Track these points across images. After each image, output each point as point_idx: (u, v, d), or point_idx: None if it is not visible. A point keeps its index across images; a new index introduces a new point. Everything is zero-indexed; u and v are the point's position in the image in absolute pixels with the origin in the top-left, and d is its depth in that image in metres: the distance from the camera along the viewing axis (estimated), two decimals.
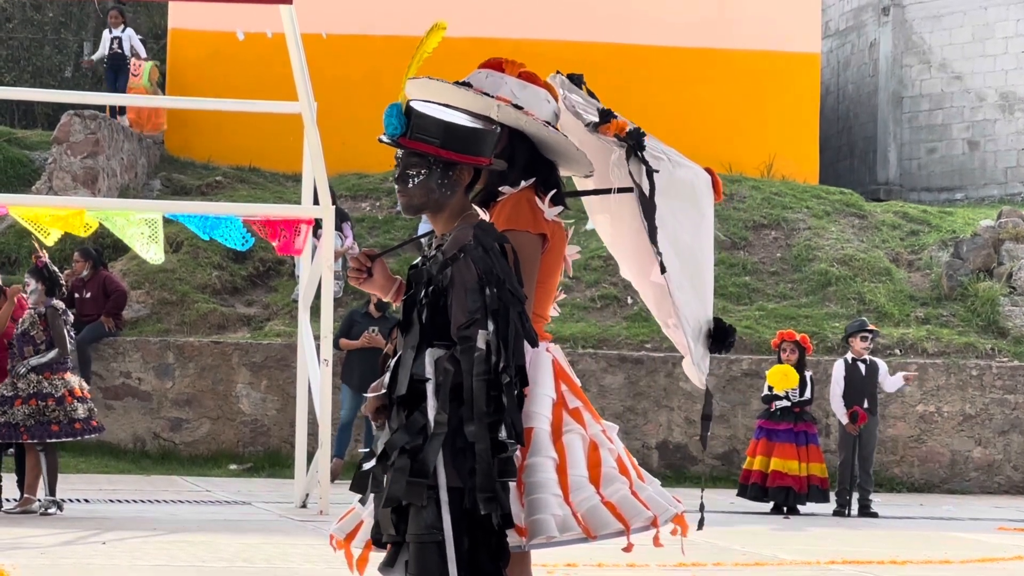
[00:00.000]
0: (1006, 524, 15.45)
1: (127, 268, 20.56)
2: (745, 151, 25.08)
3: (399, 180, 4.95)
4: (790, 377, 16.09)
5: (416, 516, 4.70)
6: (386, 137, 4.90)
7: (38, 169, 23.02)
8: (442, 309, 4.82)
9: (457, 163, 4.92)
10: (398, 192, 4.97)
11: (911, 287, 21.76)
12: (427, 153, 4.89)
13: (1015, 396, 19.72)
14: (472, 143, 4.92)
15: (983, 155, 28.44)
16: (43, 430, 12.89)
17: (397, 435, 4.75)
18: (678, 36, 25.44)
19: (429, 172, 4.91)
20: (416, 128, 4.88)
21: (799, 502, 16.15)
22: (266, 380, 18.95)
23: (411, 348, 4.81)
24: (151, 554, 10.54)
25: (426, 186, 4.91)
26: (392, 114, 4.89)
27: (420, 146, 4.89)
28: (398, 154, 4.93)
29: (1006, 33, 28.13)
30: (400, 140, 4.90)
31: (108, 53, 24.75)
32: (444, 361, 4.75)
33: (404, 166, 4.93)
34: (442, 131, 4.88)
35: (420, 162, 4.91)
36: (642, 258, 5.41)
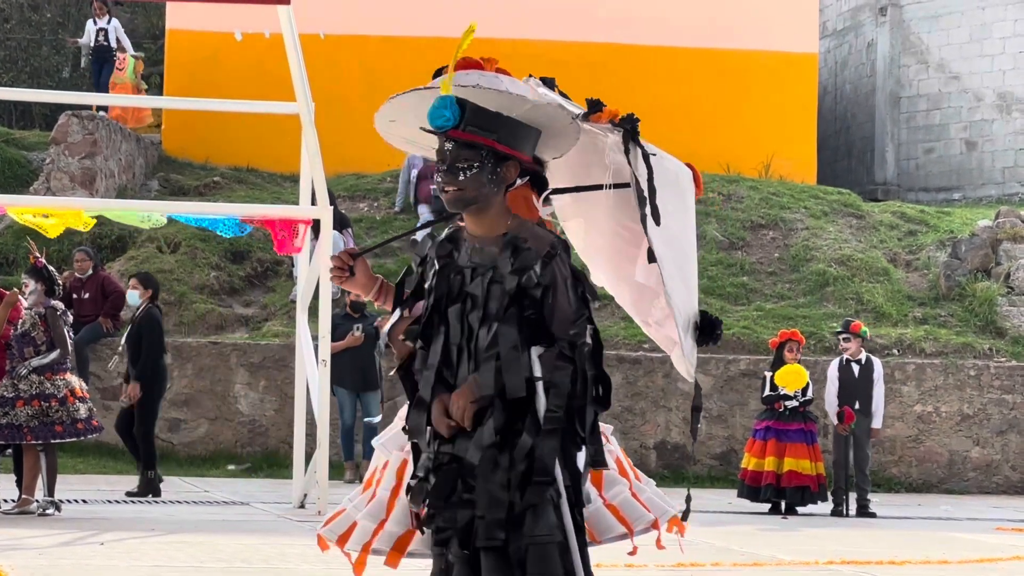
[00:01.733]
0: (1004, 524, 15.46)
1: (125, 269, 20.55)
2: (743, 151, 25.09)
3: (448, 172, 4.80)
4: (800, 376, 16.11)
5: (537, 517, 4.64)
6: (433, 128, 4.79)
7: (36, 170, 23.01)
8: (528, 307, 4.74)
9: (508, 159, 4.84)
10: (445, 184, 4.81)
11: (909, 287, 21.77)
12: (482, 146, 4.80)
13: (1013, 396, 19.73)
14: (523, 139, 4.87)
15: (981, 155, 28.45)
16: (47, 431, 12.90)
17: (525, 438, 4.65)
18: (676, 36, 25.44)
19: (481, 166, 4.80)
20: (471, 120, 4.78)
21: (811, 501, 16.17)
22: (264, 380, 18.95)
23: (512, 347, 4.69)
24: (149, 555, 10.54)
25: (479, 180, 4.80)
26: (445, 105, 4.78)
27: (476, 138, 4.79)
28: (446, 147, 4.81)
29: (1003, 33, 28.14)
30: (453, 132, 4.80)
31: (93, 45, 24.74)
32: (553, 359, 4.69)
33: (453, 159, 4.80)
34: (500, 125, 4.81)
35: (473, 155, 4.79)
36: (619, 260, 5.35)
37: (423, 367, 4.81)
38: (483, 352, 4.73)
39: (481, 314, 4.77)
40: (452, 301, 4.80)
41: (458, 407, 4.71)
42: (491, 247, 4.83)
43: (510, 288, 4.75)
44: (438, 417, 4.73)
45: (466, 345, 4.78)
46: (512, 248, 4.79)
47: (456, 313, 4.79)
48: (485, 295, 4.77)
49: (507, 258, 4.78)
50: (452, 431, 4.72)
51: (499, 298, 4.76)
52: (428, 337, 4.83)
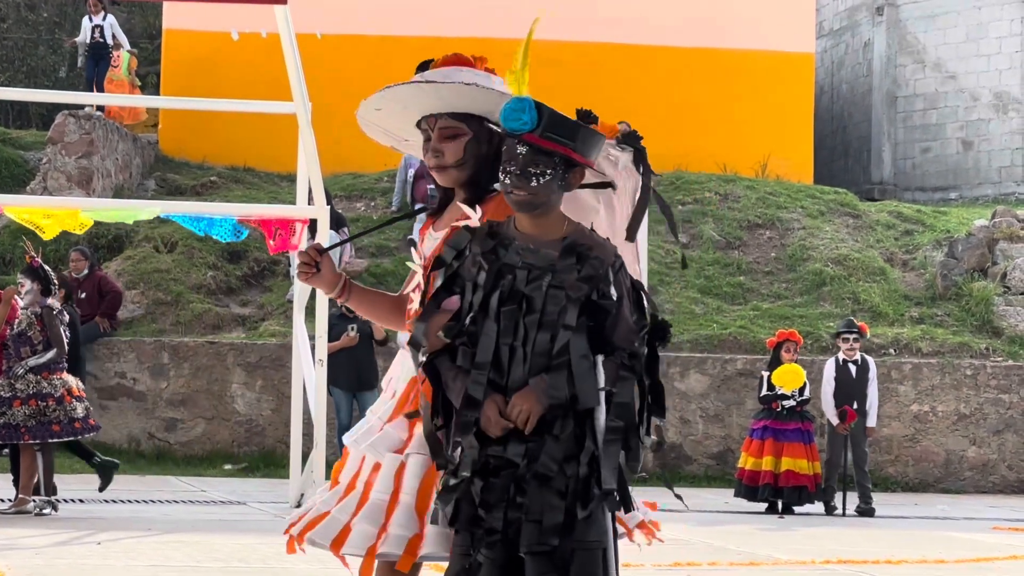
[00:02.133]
0: (1001, 524, 15.47)
1: (122, 268, 20.56)
2: (739, 151, 25.11)
3: (520, 177, 4.72)
4: (798, 376, 16.11)
5: (588, 523, 4.65)
6: (507, 129, 4.72)
7: (32, 169, 23.01)
8: (598, 317, 4.72)
9: (578, 166, 4.79)
10: (514, 188, 4.73)
11: (905, 287, 21.78)
12: (557, 153, 4.75)
13: (1009, 396, 19.73)
14: (594, 147, 4.82)
15: (977, 155, 28.47)
16: (45, 430, 12.90)
17: (589, 446, 4.66)
18: (672, 36, 25.45)
19: (554, 173, 4.74)
20: (549, 127, 4.71)
21: (809, 500, 16.18)
22: (261, 380, 18.95)
23: (583, 357, 4.66)
24: (146, 554, 10.53)
25: (550, 187, 4.74)
26: (523, 108, 4.71)
27: (554, 146, 4.73)
28: (519, 150, 4.72)
29: (1000, 33, 28.16)
30: (529, 136, 4.72)
31: (89, 42, 24.74)
32: (616, 369, 4.68)
33: (526, 163, 4.71)
34: (577, 133, 4.75)
35: (547, 162, 4.72)
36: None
37: (470, 365, 4.72)
38: (552, 359, 4.67)
39: (538, 318, 4.72)
40: (504, 301, 4.74)
41: (523, 411, 4.65)
42: (547, 249, 4.77)
43: (577, 295, 4.71)
44: (494, 418, 4.68)
45: (521, 347, 4.72)
46: (576, 255, 4.76)
47: (510, 314, 4.73)
48: (543, 298, 4.72)
49: (571, 264, 4.74)
50: (503, 432, 4.68)
51: (560, 303, 4.70)
52: (473, 335, 4.77)
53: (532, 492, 4.66)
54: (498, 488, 4.68)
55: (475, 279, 4.78)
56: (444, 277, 4.81)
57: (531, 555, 4.65)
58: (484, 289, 4.76)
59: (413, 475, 4.93)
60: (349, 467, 5.14)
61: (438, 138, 5.06)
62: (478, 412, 4.68)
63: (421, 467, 4.95)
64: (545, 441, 4.68)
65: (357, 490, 4.99)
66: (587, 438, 4.70)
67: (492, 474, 4.70)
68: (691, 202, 23.25)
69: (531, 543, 4.64)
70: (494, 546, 4.67)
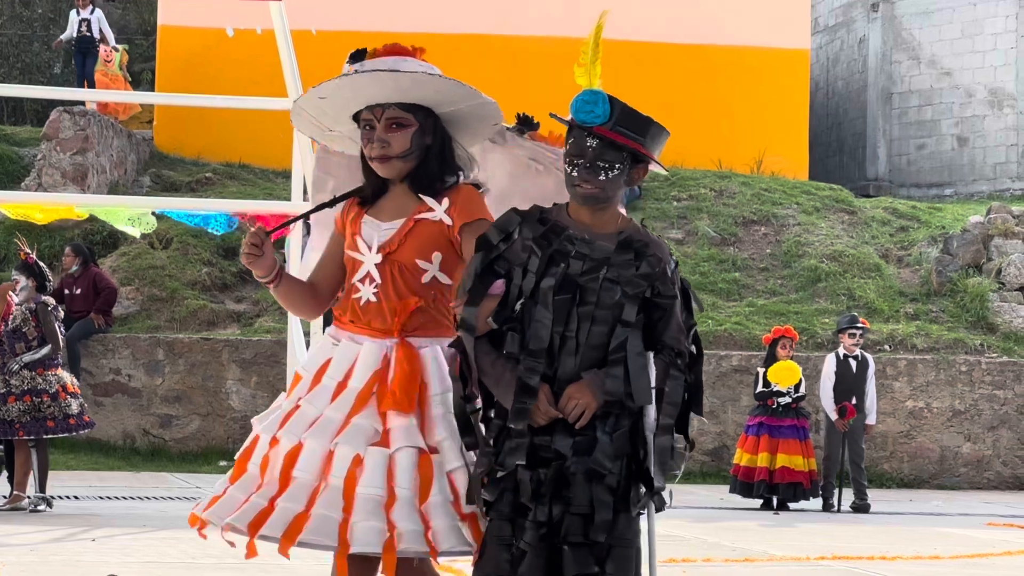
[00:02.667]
0: (995, 519, 15.48)
1: (117, 265, 20.54)
2: (735, 147, 25.11)
3: (589, 170, 4.69)
4: (793, 372, 16.10)
5: (630, 521, 4.69)
6: (578, 121, 4.70)
7: (27, 166, 22.98)
8: (655, 314, 4.72)
9: (644, 162, 4.79)
10: (581, 180, 4.70)
11: (901, 283, 21.78)
12: (627, 147, 4.73)
13: (1004, 392, 19.74)
14: (660, 144, 4.81)
15: (972, 151, 28.48)
16: (39, 426, 12.90)
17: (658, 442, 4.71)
18: (667, 32, 25.45)
19: (622, 167, 4.73)
20: (621, 120, 4.70)
21: (804, 497, 16.16)
22: (256, 376, 18.93)
23: (638, 354, 4.65)
24: (141, 551, 10.53)
25: (618, 182, 4.73)
26: (596, 100, 4.70)
27: (626, 141, 4.71)
28: (588, 143, 4.69)
29: (995, 29, 28.16)
30: (600, 129, 4.70)
31: (76, 36, 24.72)
32: (666, 368, 4.70)
33: (596, 156, 4.69)
34: (648, 129, 4.75)
35: (616, 156, 4.70)
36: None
37: (521, 352, 4.67)
38: (609, 354, 4.65)
39: (592, 310, 4.69)
40: (558, 289, 4.69)
41: (580, 404, 4.63)
42: (603, 242, 4.74)
43: (636, 292, 4.69)
44: (543, 408, 4.65)
45: (573, 338, 4.68)
46: (634, 251, 4.74)
47: (564, 303, 4.68)
48: (598, 291, 4.69)
49: (628, 259, 4.72)
50: (547, 422, 4.65)
51: (614, 296, 4.68)
52: (522, 321, 4.72)
53: (579, 486, 4.63)
54: (547, 479, 4.65)
55: (525, 264, 4.72)
56: (488, 259, 4.74)
57: (572, 547, 4.63)
58: (536, 275, 4.70)
59: (405, 469, 4.90)
60: (260, 449, 5.03)
61: (384, 128, 5.03)
62: (535, 399, 4.63)
63: (412, 460, 4.93)
64: (596, 437, 4.66)
65: (332, 485, 4.87)
66: (639, 437, 4.70)
67: (540, 464, 4.67)
68: (686, 198, 23.25)
69: (574, 536, 4.63)
70: (541, 537, 4.65)
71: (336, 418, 4.96)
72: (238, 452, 5.18)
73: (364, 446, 4.91)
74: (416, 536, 4.81)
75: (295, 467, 4.93)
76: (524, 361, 4.65)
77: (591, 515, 4.62)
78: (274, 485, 4.94)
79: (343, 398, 4.99)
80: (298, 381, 5.13)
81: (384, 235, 5.08)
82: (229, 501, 5.02)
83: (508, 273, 4.74)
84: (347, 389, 5.00)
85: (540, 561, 4.66)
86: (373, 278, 5.06)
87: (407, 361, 4.99)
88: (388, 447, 4.90)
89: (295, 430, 4.97)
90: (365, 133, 5.08)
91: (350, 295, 5.13)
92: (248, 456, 5.06)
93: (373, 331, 5.06)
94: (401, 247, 5.06)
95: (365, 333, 5.07)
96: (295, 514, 4.89)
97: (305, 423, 4.97)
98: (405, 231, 5.05)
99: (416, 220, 5.06)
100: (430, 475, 4.88)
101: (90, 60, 24.62)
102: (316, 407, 4.99)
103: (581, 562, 4.63)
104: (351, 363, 5.04)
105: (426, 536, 4.82)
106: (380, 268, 5.06)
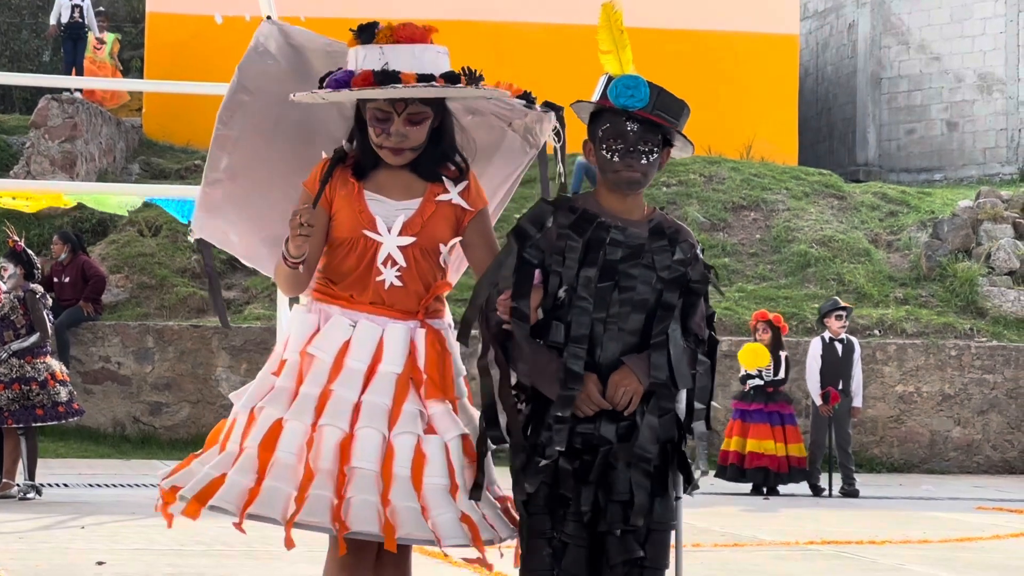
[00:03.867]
0: (985, 504, 15.50)
1: (106, 252, 20.52)
2: (724, 133, 25.10)
3: (630, 155, 4.70)
4: (759, 356, 16.06)
5: (665, 505, 4.71)
6: (618, 106, 4.70)
7: (16, 153, 22.95)
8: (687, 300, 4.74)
9: (671, 145, 4.80)
10: (624, 166, 4.70)
11: (890, 268, 21.80)
12: (663, 130, 4.74)
13: (993, 376, 19.77)
14: (684, 123, 4.82)
15: (962, 136, 28.49)
16: (28, 414, 12.88)
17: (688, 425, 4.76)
18: (656, 17, 25.42)
19: (658, 151, 4.76)
20: (660, 104, 4.72)
21: (779, 482, 16.12)
22: (246, 364, 18.92)
23: (679, 339, 4.67)
24: (130, 538, 10.53)
25: (655, 166, 4.76)
26: (637, 85, 4.72)
27: (664, 123, 4.73)
28: (629, 127, 4.70)
29: (984, 14, 28.17)
30: (642, 112, 4.71)
31: (67, 21, 24.64)
32: (694, 354, 4.72)
33: (637, 140, 4.70)
34: (682, 111, 4.77)
35: (655, 140, 4.72)
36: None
37: (564, 340, 4.66)
38: (651, 339, 4.66)
39: (632, 296, 4.69)
40: (599, 277, 4.69)
41: (628, 391, 4.63)
42: (635, 228, 4.75)
43: (673, 277, 4.70)
44: (594, 396, 4.64)
45: (615, 324, 4.68)
46: (667, 238, 4.76)
47: (603, 290, 4.68)
48: (637, 278, 4.69)
49: (663, 246, 4.73)
50: (594, 412, 4.65)
51: (650, 281, 4.69)
52: (562, 309, 4.70)
53: (620, 472, 4.64)
54: (592, 468, 4.64)
55: (562, 252, 4.70)
56: (525, 249, 4.71)
57: (617, 535, 4.64)
58: (577, 263, 4.69)
59: (458, 457, 4.83)
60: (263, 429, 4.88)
61: (405, 122, 4.92)
62: (580, 386, 4.61)
63: (461, 447, 4.85)
64: (636, 423, 4.66)
65: (399, 475, 4.73)
66: (678, 420, 4.73)
67: (582, 453, 4.66)
68: (676, 184, 23.25)
69: (616, 523, 4.64)
70: (583, 527, 4.65)
71: (383, 404, 4.81)
72: (237, 433, 5.03)
73: (421, 434, 4.81)
74: (483, 524, 4.77)
75: (353, 458, 4.75)
76: (568, 348, 4.64)
77: (631, 501, 4.64)
78: (331, 477, 4.73)
79: (380, 382, 4.84)
80: (306, 361, 4.91)
81: (400, 215, 4.94)
82: (273, 494, 4.77)
83: (541, 263, 4.72)
84: (381, 373, 4.85)
85: (583, 552, 4.67)
86: (395, 261, 4.92)
87: (437, 344, 4.93)
88: (436, 434, 4.83)
89: (340, 418, 4.79)
90: (378, 120, 4.93)
91: (369, 277, 4.94)
92: (273, 444, 4.83)
93: (395, 312, 4.94)
94: (424, 229, 4.95)
95: (386, 315, 4.93)
96: (375, 507, 4.70)
97: (349, 410, 4.80)
98: (428, 213, 4.95)
99: (437, 202, 4.99)
100: (475, 460, 4.83)
101: (80, 46, 24.58)
102: (353, 392, 4.83)
103: (627, 548, 4.65)
104: (375, 345, 4.89)
105: (487, 522, 4.79)
106: (404, 251, 4.93)
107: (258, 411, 4.93)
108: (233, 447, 4.99)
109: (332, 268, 5.02)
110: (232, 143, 5.39)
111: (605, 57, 4.85)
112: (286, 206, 5.14)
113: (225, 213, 5.41)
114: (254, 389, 5.03)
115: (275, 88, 5.31)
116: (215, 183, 5.38)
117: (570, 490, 4.66)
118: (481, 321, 4.75)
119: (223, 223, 5.44)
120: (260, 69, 5.40)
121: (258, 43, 5.46)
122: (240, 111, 5.36)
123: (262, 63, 5.41)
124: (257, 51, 5.43)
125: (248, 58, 5.42)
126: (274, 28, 5.49)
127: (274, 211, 5.32)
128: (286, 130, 5.36)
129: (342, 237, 4.98)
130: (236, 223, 5.44)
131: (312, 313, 5.02)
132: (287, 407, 4.86)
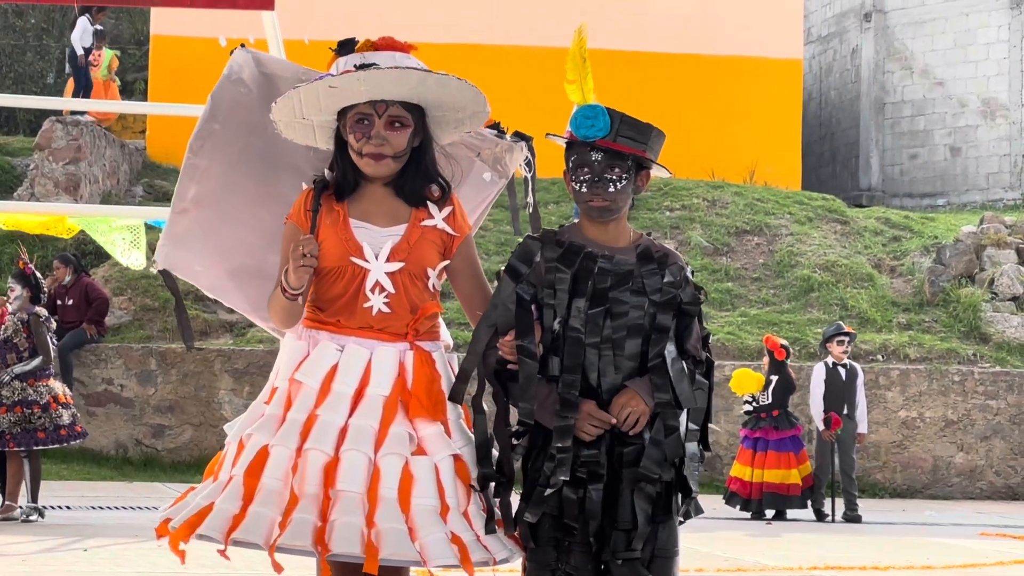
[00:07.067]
0: (988, 529, 15.47)
1: (109, 275, 20.52)
2: (727, 157, 25.13)
3: (596, 184, 4.70)
4: (749, 381, 16.08)
5: (669, 531, 4.72)
6: (580, 137, 4.69)
7: (20, 175, 22.98)
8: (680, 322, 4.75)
9: (646, 168, 4.79)
10: (592, 195, 4.71)
11: (893, 293, 21.79)
12: (631, 156, 4.72)
13: (997, 402, 19.75)
14: (660, 147, 4.80)
15: (965, 161, 28.51)
16: (29, 437, 12.88)
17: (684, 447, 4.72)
18: (660, 41, 25.47)
19: (628, 177, 4.74)
20: (623, 131, 4.69)
21: (789, 506, 16.11)
22: (248, 386, 18.91)
23: (676, 360, 4.67)
24: (132, 561, 10.52)
25: (626, 192, 4.75)
26: (596, 115, 4.69)
27: (630, 149, 4.71)
28: (593, 157, 4.69)
29: (988, 39, 28.21)
30: (602, 142, 4.69)
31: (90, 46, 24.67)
32: (693, 374, 4.72)
33: (602, 170, 4.70)
34: (649, 135, 4.74)
35: (623, 166, 4.70)
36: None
37: (559, 372, 4.66)
38: (648, 361, 4.67)
39: (625, 322, 4.69)
40: (590, 305, 4.69)
41: (634, 411, 4.62)
42: (622, 256, 4.76)
43: (665, 299, 4.72)
44: (595, 411, 4.64)
45: (611, 350, 4.68)
46: (656, 261, 4.77)
47: (596, 317, 4.69)
48: (629, 304, 4.70)
49: (652, 270, 4.75)
50: (596, 436, 4.64)
51: (643, 306, 4.71)
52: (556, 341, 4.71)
53: (623, 499, 4.65)
54: (598, 496, 4.63)
55: (552, 285, 4.72)
56: (517, 286, 4.73)
57: (622, 563, 4.64)
58: (567, 294, 4.69)
59: (450, 478, 4.80)
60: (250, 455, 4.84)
61: (385, 125, 4.91)
62: (577, 413, 4.62)
63: (453, 467, 4.82)
64: (642, 446, 4.66)
65: (386, 497, 4.69)
66: (681, 442, 4.70)
67: (587, 483, 4.64)
68: (679, 208, 23.26)
69: (621, 551, 4.64)
70: (588, 557, 4.66)
71: (369, 427, 4.79)
72: (227, 462, 4.99)
73: (409, 456, 4.78)
74: (476, 545, 4.73)
75: (338, 481, 4.72)
76: (563, 378, 4.65)
77: (634, 528, 4.64)
78: (315, 500, 4.71)
79: (368, 405, 4.81)
80: (294, 387, 4.88)
81: (387, 241, 4.92)
82: (257, 520, 4.80)
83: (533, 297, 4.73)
84: (368, 396, 4.83)
85: None
86: (383, 287, 4.89)
87: (426, 365, 4.90)
88: (426, 455, 4.80)
89: (325, 441, 4.75)
90: (358, 127, 4.91)
91: (357, 303, 4.91)
92: (259, 470, 4.80)
93: (385, 335, 4.91)
94: (411, 255, 4.92)
95: (375, 338, 4.90)
96: (358, 529, 4.67)
97: (334, 434, 4.77)
98: (414, 238, 4.93)
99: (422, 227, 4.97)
100: (468, 482, 4.82)
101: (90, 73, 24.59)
102: (339, 416, 4.80)
103: (633, 574, 4.66)
104: (363, 368, 4.86)
105: (480, 543, 4.75)
106: (392, 277, 4.91)
107: (246, 439, 4.91)
108: (223, 476, 4.97)
109: (320, 295, 4.99)
110: (201, 172, 5.42)
111: (569, 87, 4.89)
112: (252, 238, 5.15)
113: (191, 244, 5.44)
114: (245, 418, 5.02)
115: (245, 117, 5.33)
116: (182, 212, 5.43)
117: (574, 520, 4.65)
118: (479, 360, 4.76)
119: (188, 254, 5.48)
120: (232, 97, 5.42)
121: (232, 71, 5.46)
122: (210, 140, 5.38)
123: (235, 91, 5.42)
124: (230, 79, 5.44)
125: (221, 86, 5.43)
126: (248, 56, 5.48)
127: (240, 243, 5.34)
128: (251, 160, 5.38)
129: (329, 265, 4.94)
130: (201, 254, 5.46)
131: (302, 340, 4.99)
132: (274, 433, 4.84)
